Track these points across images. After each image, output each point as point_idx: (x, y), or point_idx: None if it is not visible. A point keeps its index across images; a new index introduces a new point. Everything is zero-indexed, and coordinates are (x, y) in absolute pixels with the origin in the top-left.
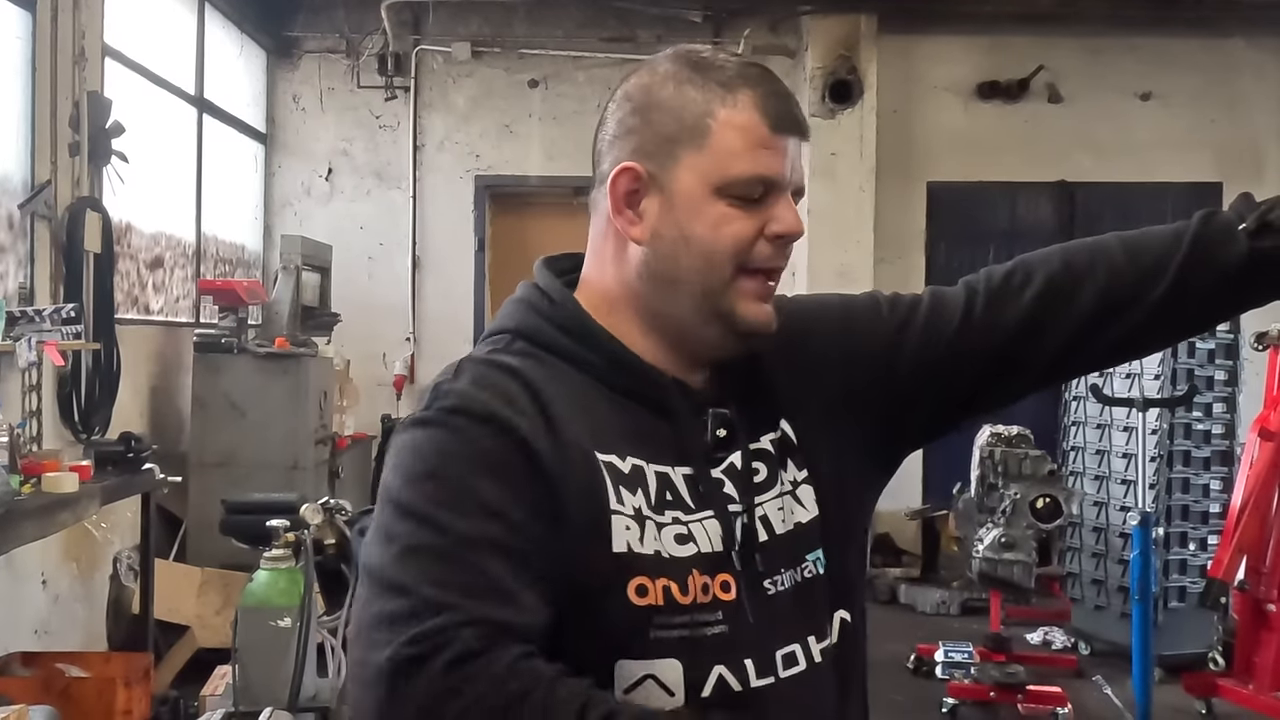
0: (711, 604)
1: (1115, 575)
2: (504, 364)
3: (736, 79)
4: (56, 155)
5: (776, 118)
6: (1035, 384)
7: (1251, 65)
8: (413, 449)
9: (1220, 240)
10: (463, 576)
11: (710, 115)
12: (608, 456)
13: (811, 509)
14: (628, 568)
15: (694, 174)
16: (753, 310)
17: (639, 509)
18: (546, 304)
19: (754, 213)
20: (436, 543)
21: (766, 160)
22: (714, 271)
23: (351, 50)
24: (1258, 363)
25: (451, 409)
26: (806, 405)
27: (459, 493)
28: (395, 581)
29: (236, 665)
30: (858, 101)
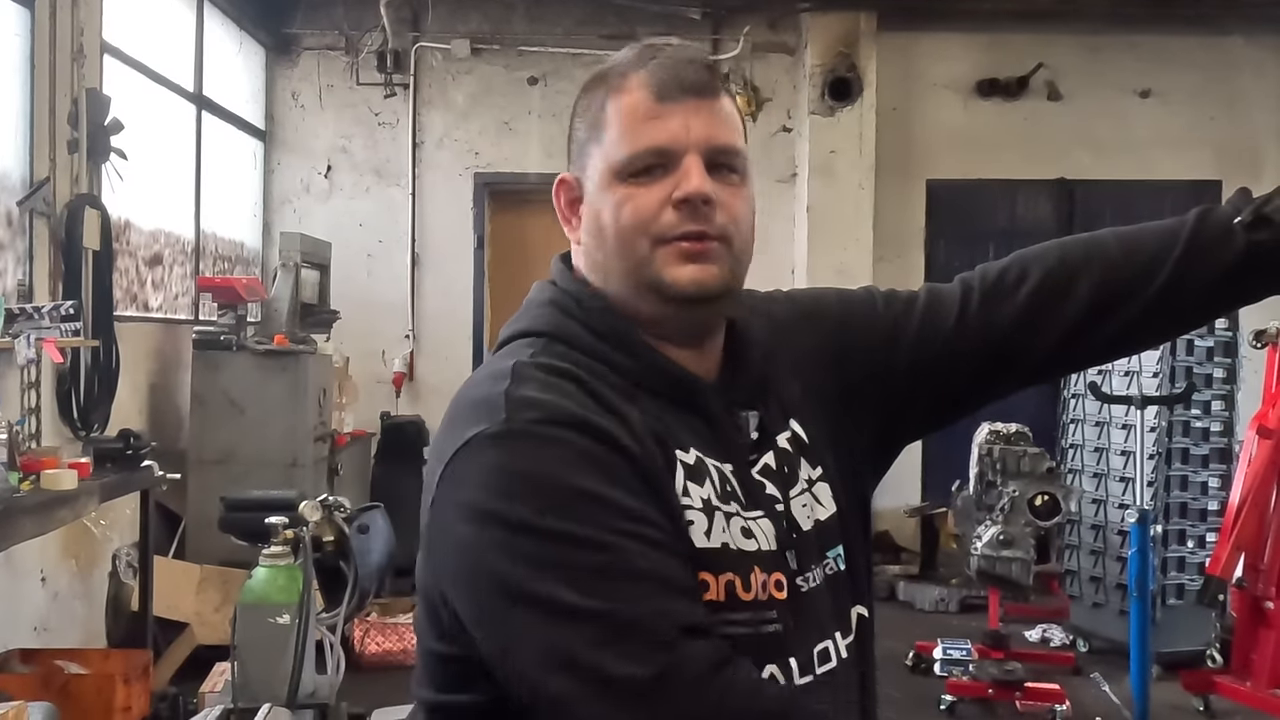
0: (769, 602)
1: (1113, 572)
2: (560, 368)
3: (630, 65)
4: (55, 152)
5: (661, 87)
6: (1031, 379)
7: (1251, 63)
8: (508, 466)
9: (1217, 235)
10: (641, 585)
11: (604, 108)
12: (676, 449)
13: (830, 505)
14: (695, 562)
15: (598, 166)
16: (678, 273)
17: (707, 500)
18: (578, 307)
19: (657, 185)
20: (595, 558)
21: (650, 131)
22: (629, 249)
23: (351, 47)
24: (1256, 360)
25: (540, 419)
26: (808, 403)
27: (583, 501)
28: (577, 606)
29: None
30: (857, 99)
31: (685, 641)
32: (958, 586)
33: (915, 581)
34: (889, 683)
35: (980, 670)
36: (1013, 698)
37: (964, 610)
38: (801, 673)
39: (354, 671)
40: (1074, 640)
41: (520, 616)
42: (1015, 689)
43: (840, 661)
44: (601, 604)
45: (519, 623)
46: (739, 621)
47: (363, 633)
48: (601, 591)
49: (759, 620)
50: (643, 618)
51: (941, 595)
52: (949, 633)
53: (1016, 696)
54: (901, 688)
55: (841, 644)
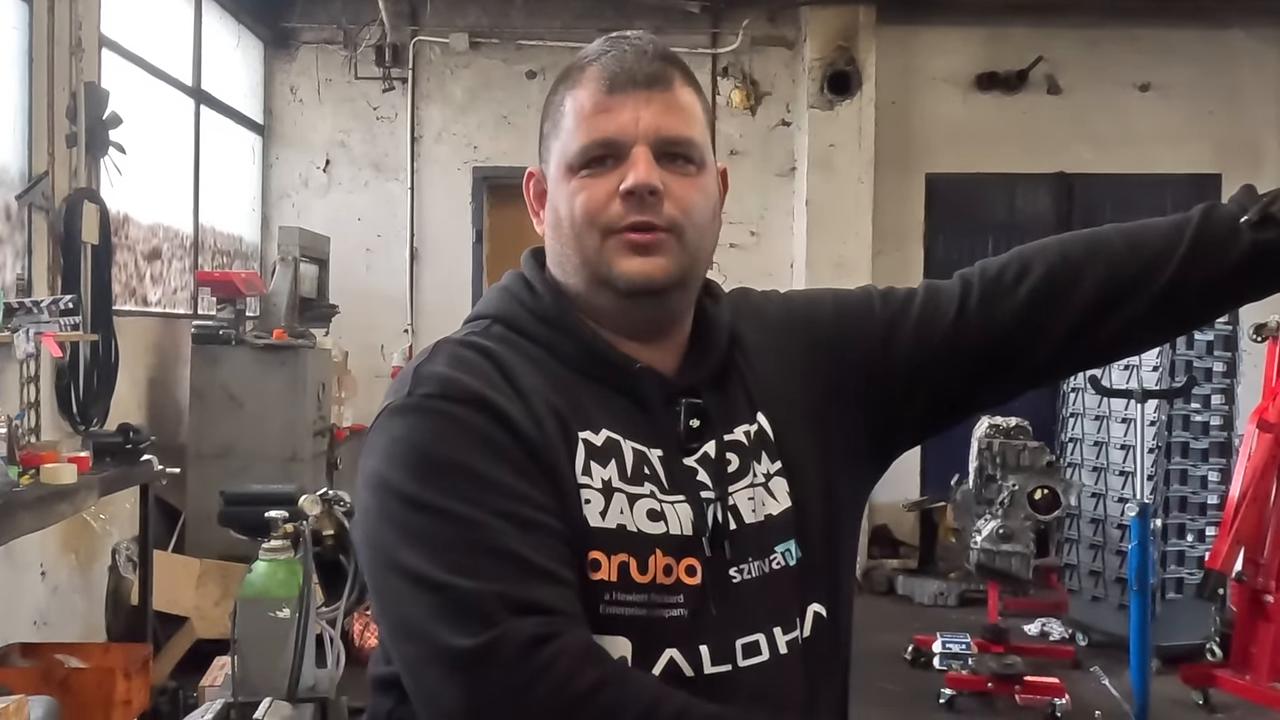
0: (674, 586)
1: (1113, 566)
2: (477, 344)
3: (588, 61)
4: (54, 146)
5: (611, 79)
6: (1031, 380)
7: (1250, 56)
8: (403, 438)
9: (1222, 233)
10: (493, 561)
11: (563, 104)
12: (581, 430)
13: (784, 501)
14: (586, 541)
15: (555, 160)
16: (627, 265)
17: (607, 481)
18: (527, 293)
19: (608, 176)
20: (458, 532)
21: (600, 123)
22: (581, 241)
23: (349, 41)
24: (1256, 354)
25: (434, 394)
26: (790, 399)
27: (461, 476)
28: (428, 577)
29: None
30: (856, 93)
31: (516, 618)
32: (957, 580)
33: (914, 575)
34: (888, 676)
35: (979, 664)
36: (1012, 691)
37: (963, 604)
38: (715, 661)
39: (354, 665)
40: (1073, 634)
41: (390, 583)
42: (1014, 683)
43: (776, 656)
44: (449, 577)
45: (388, 589)
46: (631, 603)
47: (363, 627)
48: (454, 565)
49: (657, 604)
50: (481, 593)
51: (941, 589)
52: (948, 626)
53: (1016, 690)
54: (900, 681)
55: (781, 639)
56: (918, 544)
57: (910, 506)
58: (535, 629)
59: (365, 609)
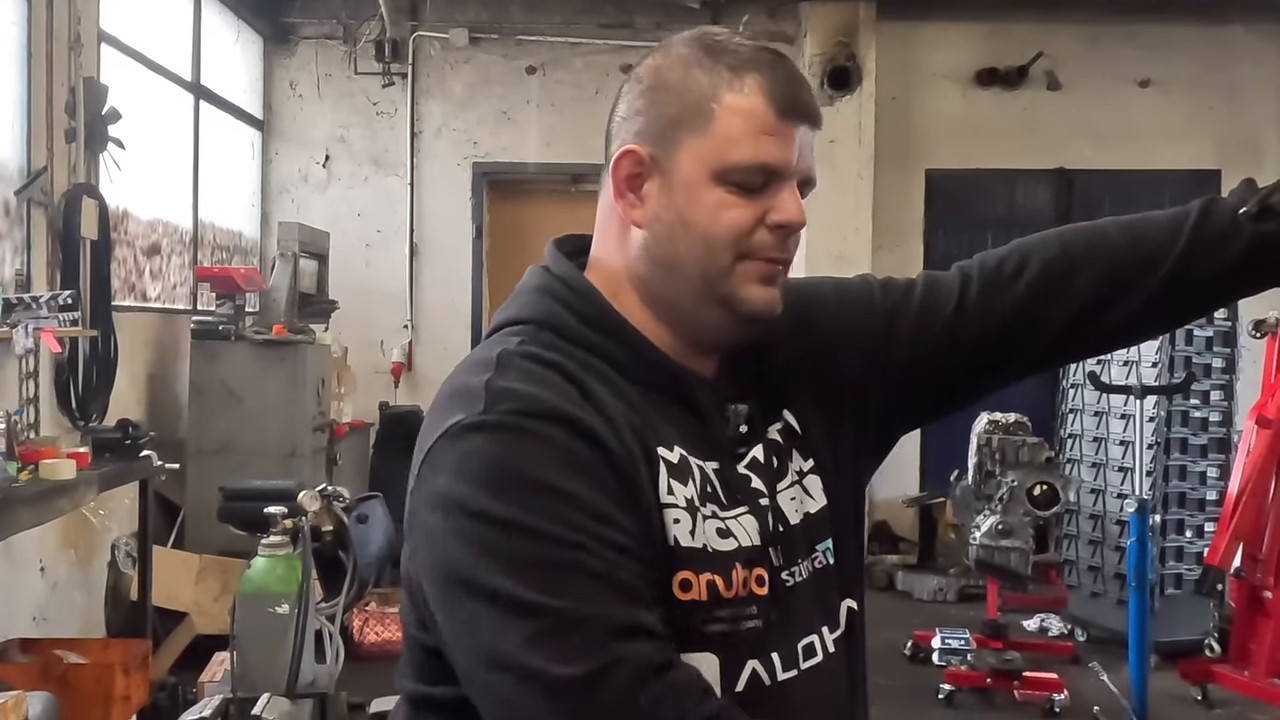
0: (749, 598)
1: (1112, 562)
2: (546, 358)
3: (746, 63)
4: (53, 141)
5: (784, 103)
6: (1031, 369)
7: (1250, 52)
8: (481, 454)
9: (1222, 226)
10: (592, 584)
11: (714, 99)
12: (659, 447)
13: (820, 498)
14: (675, 561)
15: (694, 158)
16: (754, 293)
17: (690, 499)
18: (569, 293)
19: (755, 200)
20: (550, 552)
21: (769, 147)
22: (712, 257)
23: (348, 37)
24: (1255, 350)
25: (519, 411)
26: (803, 392)
27: (551, 495)
28: (523, 600)
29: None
30: (856, 88)
31: (624, 643)
32: (956, 576)
33: (913, 571)
34: (887, 672)
35: (978, 659)
36: (1011, 687)
37: (962, 600)
38: (785, 668)
39: (353, 661)
40: (1072, 629)
41: (468, 605)
42: (1013, 678)
43: (827, 656)
44: (546, 600)
45: (467, 611)
46: (719, 619)
47: (362, 622)
48: (548, 587)
49: (739, 617)
50: (584, 617)
51: (940, 585)
52: (947, 622)
53: (1015, 686)
54: (900, 677)
55: (829, 638)
56: (917, 540)
57: (909, 502)
58: (650, 656)
59: (364, 605)
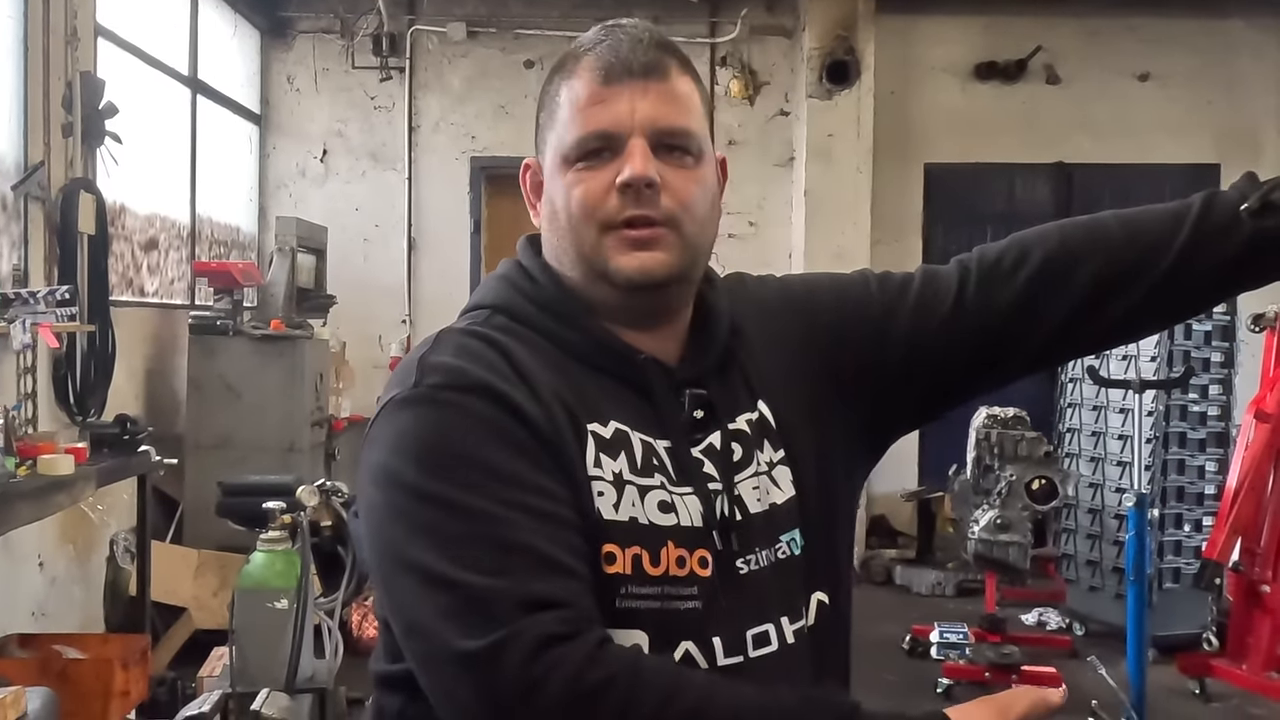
0: (687, 578)
1: (1110, 556)
2: (482, 334)
3: (583, 49)
4: (50, 136)
5: (607, 70)
6: (1029, 366)
7: (1250, 46)
8: (410, 430)
9: (1223, 220)
10: (505, 557)
11: (558, 94)
12: (590, 422)
13: (788, 490)
14: (599, 534)
15: (550, 152)
16: (624, 261)
17: (619, 473)
18: (527, 282)
19: (605, 169)
20: (468, 527)
21: (595, 115)
22: (579, 234)
23: (346, 30)
24: (1254, 345)
25: (442, 385)
26: (789, 386)
27: (473, 468)
28: (440, 574)
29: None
30: (855, 82)
31: (528, 616)
32: (954, 570)
33: (912, 565)
34: (885, 666)
35: (977, 654)
36: (1009, 681)
37: (961, 594)
38: (728, 653)
39: (352, 656)
40: (1070, 624)
41: (399, 580)
42: (1012, 672)
43: (784, 646)
44: (460, 573)
45: (398, 586)
46: (645, 595)
47: (361, 617)
48: (466, 561)
49: (671, 596)
50: (492, 590)
51: (938, 579)
52: (945, 616)
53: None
54: (898, 671)
55: (789, 629)
56: (915, 534)
57: (908, 496)
58: (548, 627)
59: (364, 599)
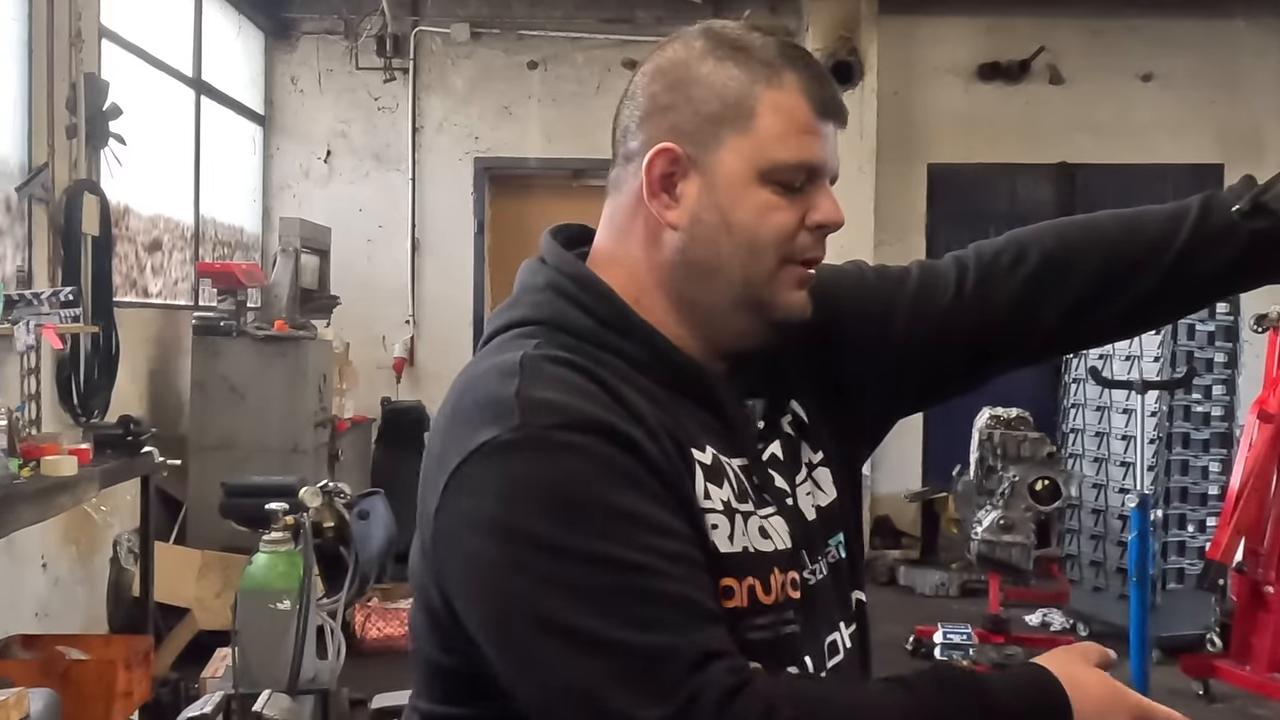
0: (788, 602)
1: (1114, 557)
2: (575, 363)
3: (780, 59)
4: (54, 138)
5: (822, 103)
6: (1024, 361)
7: (1252, 46)
8: (528, 477)
9: (1221, 222)
10: (659, 610)
11: (754, 96)
12: (691, 448)
13: (830, 491)
14: (718, 569)
15: (737, 157)
16: (792, 298)
17: (727, 502)
18: (581, 292)
19: (795, 200)
20: (616, 579)
21: (811, 146)
22: (757, 261)
23: (350, 31)
24: (1257, 345)
25: (555, 425)
26: (806, 382)
27: (606, 515)
28: (593, 634)
29: (236, 647)
30: (858, 83)
31: (702, 673)
32: (958, 571)
33: (915, 566)
34: (889, 667)
35: (980, 654)
36: None
37: (964, 595)
38: (817, 670)
39: (355, 657)
40: (1074, 624)
41: (538, 641)
42: None
43: (846, 651)
44: (622, 633)
45: (537, 648)
46: (761, 626)
47: (363, 618)
48: (624, 618)
49: (779, 623)
50: (662, 650)
51: (942, 580)
52: (949, 617)
53: None
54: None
55: (846, 633)
56: (919, 535)
57: (911, 497)
58: (723, 680)
59: (366, 601)
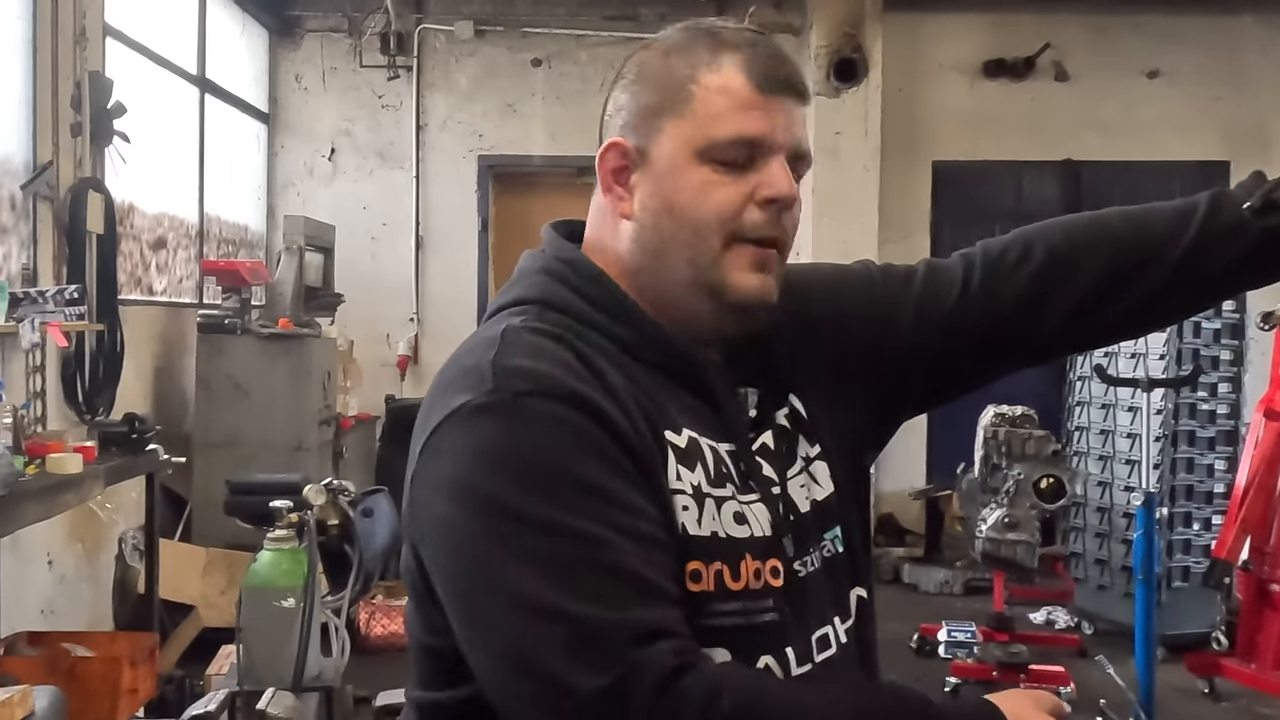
0: (764, 591)
1: (1119, 555)
2: (551, 332)
3: (723, 44)
4: (58, 136)
5: (764, 77)
6: (1031, 360)
7: (1259, 42)
8: (495, 442)
9: (1230, 220)
10: (611, 584)
11: (693, 81)
12: (666, 431)
13: (827, 485)
14: (685, 551)
15: (676, 141)
16: (745, 280)
17: (698, 486)
18: (574, 275)
19: (742, 178)
20: (577, 551)
21: (751, 121)
22: (701, 241)
23: (354, 29)
24: (1263, 342)
25: (527, 391)
26: (806, 378)
27: (570, 485)
28: (544, 603)
29: (241, 645)
30: (862, 80)
31: (646, 648)
32: (962, 569)
33: (920, 564)
34: (893, 665)
35: (985, 652)
36: (1017, 680)
37: (968, 593)
38: (799, 662)
39: (359, 654)
40: (1079, 622)
41: (488, 603)
42: (1020, 671)
43: (840, 647)
44: (568, 602)
45: (486, 609)
46: (730, 612)
47: (368, 616)
48: (571, 588)
49: (752, 610)
50: (607, 623)
51: (946, 578)
52: (953, 615)
53: (1021, 679)
54: (906, 670)
55: (840, 629)
56: (923, 532)
57: (916, 495)
58: (668, 659)
59: (370, 598)
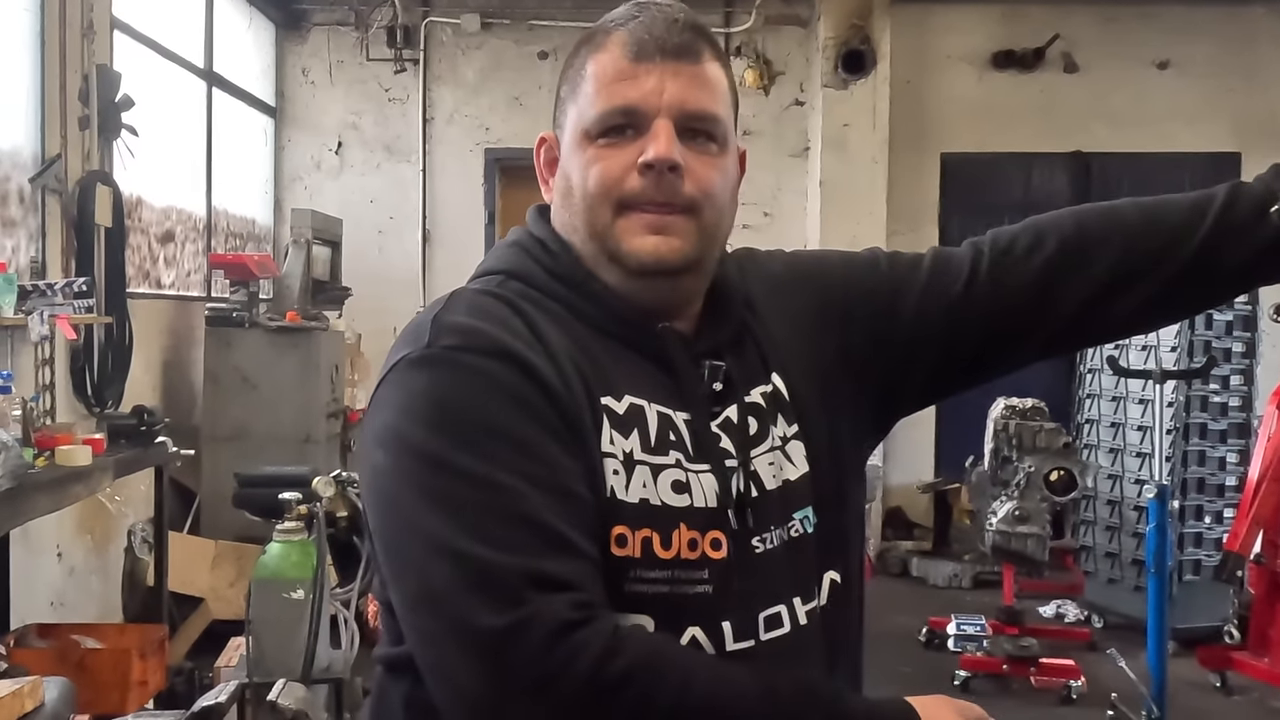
0: (699, 561)
1: (1129, 548)
2: (499, 295)
3: (614, 24)
4: (66, 129)
5: (639, 46)
6: (1039, 353)
7: (1270, 33)
8: (424, 392)
9: (1248, 215)
10: (517, 531)
11: (584, 67)
12: (604, 397)
13: (801, 465)
14: (611, 515)
15: (571, 126)
16: (639, 244)
17: (629, 453)
18: (541, 249)
19: (628, 147)
20: (487, 497)
21: (622, 91)
22: (594, 214)
23: (360, 23)
24: (1275, 335)
25: (458, 346)
26: (800, 360)
27: (491, 435)
28: (450, 544)
29: (250, 637)
30: (870, 72)
31: (542, 595)
32: (972, 562)
33: (929, 557)
34: (902, 658)
35: (994, 646)
36: (1027, 673)
37: (978, 586)
38: (738, 638)
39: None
40: (1089, 616)
41: (408, 549)
42: (1030, 665)
43: (796, 628)
44: (476, 546)
45: (407, 555)
46: (654, 579)
47: (376, 608)
48: (482, 533)
49: (681, 580)
50: (510, 566)
51: (955, 571)
52: (963, 608)
53: (1031, 672)
54: (915, 663)
55: (801, 610)
56: (932, 526)
57: (925, 488)
58: (566, 611)
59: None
